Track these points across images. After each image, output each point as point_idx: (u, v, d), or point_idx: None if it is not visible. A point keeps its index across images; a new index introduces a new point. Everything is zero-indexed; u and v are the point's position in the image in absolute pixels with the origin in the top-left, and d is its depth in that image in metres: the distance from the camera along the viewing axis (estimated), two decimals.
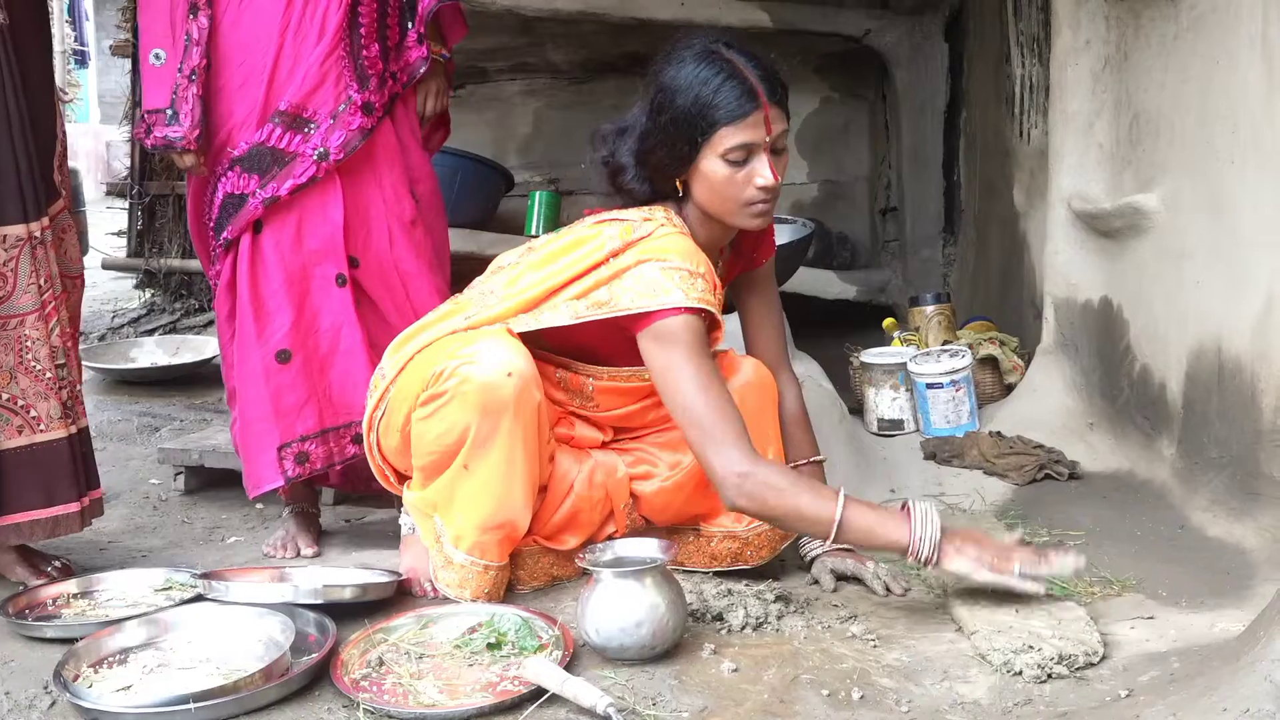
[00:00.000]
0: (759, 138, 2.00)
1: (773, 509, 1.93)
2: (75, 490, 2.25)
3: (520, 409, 2.00)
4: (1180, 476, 2.57)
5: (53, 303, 2.22)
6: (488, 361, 2.00)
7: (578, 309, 2.04)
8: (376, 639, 1.92)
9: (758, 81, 1.99)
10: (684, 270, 1.98)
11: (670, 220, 2.06)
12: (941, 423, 3.14)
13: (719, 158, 2.00)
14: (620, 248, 2.02)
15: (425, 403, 2.06)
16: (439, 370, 2.03)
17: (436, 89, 2.65)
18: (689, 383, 1.95)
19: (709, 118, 1.99)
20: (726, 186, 2.02)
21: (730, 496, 1.93)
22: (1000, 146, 3.84)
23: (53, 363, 2.22)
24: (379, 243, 2.52)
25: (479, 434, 2.01)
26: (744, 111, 1.98)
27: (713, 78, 1.99)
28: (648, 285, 1.97)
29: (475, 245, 4.11)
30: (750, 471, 1.91)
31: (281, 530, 2.56)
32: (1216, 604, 2.01)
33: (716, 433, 1.92)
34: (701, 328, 1.98)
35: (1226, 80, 2.41)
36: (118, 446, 3.54)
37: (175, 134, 2.40)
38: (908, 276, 4.68)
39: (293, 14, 2.42)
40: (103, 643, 1.95)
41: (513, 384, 1.99)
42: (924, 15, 4.53)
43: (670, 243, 2.01)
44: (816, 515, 1.90)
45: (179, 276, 5.25)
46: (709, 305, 1.98)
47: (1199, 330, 2.54)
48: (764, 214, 2.06)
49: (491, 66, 4.74)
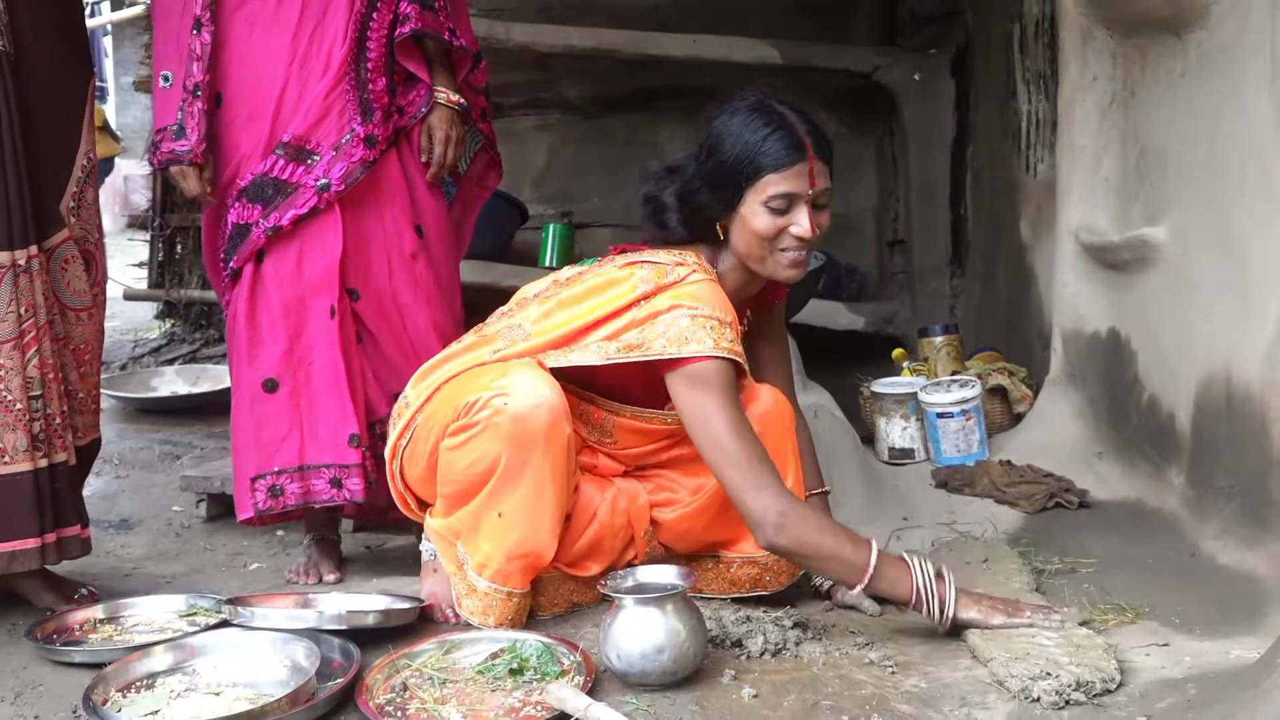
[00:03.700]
0: (802, 189, 2.06)
1: (809, 551, 1.98)
2: (36, 525, 2.18)
3: (551, 441, 2.03)
4: (1190, 505, 2.59)
5: (33, 332, 2.18)
6: (521, 394, 2.02)
7: (608, 350, 2.08)
8: (400, 664, 1.94)
9: (806, 135, 2.06)
10: (715, 319, 2.03)
11: (701, 266, 2.11)
12: (952, 451, 3.17)
13: (761, 204, 2.06)
14: (652, 290, 2.07)
15: (455, 433, 2.08)
16: (471, 401, 2.06)
17: (444, 135, 2.54)
18: (722, 426, 1.99)
19: (756, 164, 2.05)
20: (765, 233, 2.07)
21: (768, 536, 1.97)
22: (1007, 180, 3.89)
23: (25, 394, 2.17)
24: (378, 275, 2.53)
25: (509, 465, 2.04)
26: (790, 161, 2.04)
27: (763, 126, 2.06)
28: (679, 332, 2.02)
29: (490, 277, 4.16)
30: (788, 512, 1.96)
31: (304, 556, 2.59)
32: (1230, 631, 2.02)
33: (752, 475, 1.97)
34: (731, 372, 2.03)
35: (1234, 115, 2.45)
36: (140, 474, 3.57)
37: (183, 148, 2.43)
38: (915, 308, 4.71)
39: (299, 47, 2.45)
40: (131, 667, 1.97)
41: (545, 417, 2.02)
42: (931, 52, 4.59)
43: (700, 289, 2.06)
44: (852, 561, 1.97)
45: (198, 307, 5.30)
46: (737, 356, 2.03)
47: (1208, 360, 2.57)
48: (797, 264, 2.11)
49: (506, 102, 4.79)
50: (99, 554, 2.73)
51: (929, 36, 4.65)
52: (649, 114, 4.94)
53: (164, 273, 5.35)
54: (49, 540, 2.21)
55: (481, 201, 2.82)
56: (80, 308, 2.34)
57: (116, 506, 3.24)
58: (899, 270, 4.96)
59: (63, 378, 2.27)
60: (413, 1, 2.50)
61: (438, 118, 2.55)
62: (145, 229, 5.55)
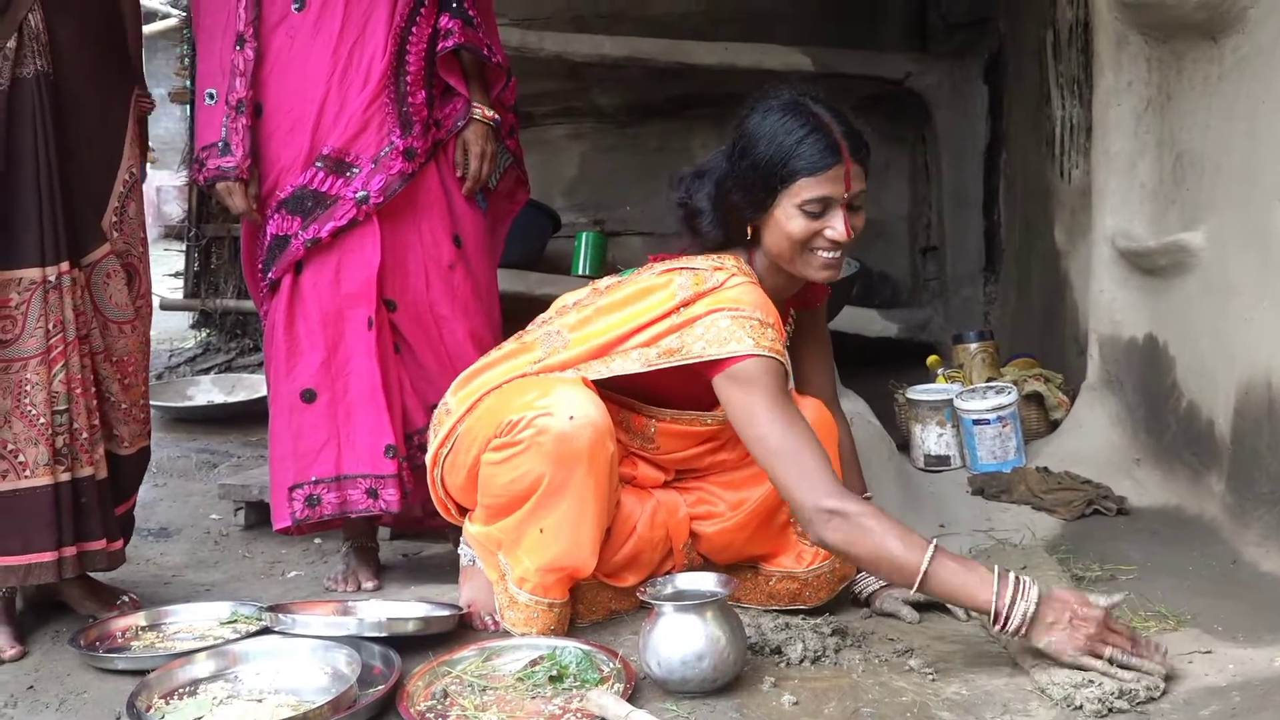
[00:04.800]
0: (838, 192, 2.02)
1: (859, 549, 1.89)
2: (54, 540, 2.19)
3: (595, 460, 2.02)
4: (1230, 512, 2.57)
5: (60, 348, 2.20)
6: (564, 412, 2.01)
7: (648, 355, 2.06)
8: (440, 671, 1.95)
9: (842, 137, 2.02)
10: (755, 320, 2.00)
11: (740, 269, 2.08)
12: (988, 458, 3.15)
13: (795, 207, 2.03)
14: (691, 297, 2.05)
15: (498, 449, 2.06)
16: (515, 420, 2.03)
17: (480, 151, 2.56)
18: (772, 422, 1.95)
19: (790, 166, 2.02)
20: (798, 236, 2.04)
21: (818, 531, 1.90)
22: (1041, 186, 3.87)
23: (49, 408, 2.19)
24: (416, 286, 2.54)
25: (552, 483, 2.02)
26: (825, 164, 2.01)
27: (798, 128, 2.02)
28: (719, 333, 2.00)
29: (524, 285, 4.17)
30: (840, 508, 1.89)
31: (342, 564, 2.60)
32: (1274, 639, 2.01)
33: (805, 468, 1.92)
34: (779, 368, 2.00)
35: (1272, 119, 2.43)
36: (178, 483, 3.61)
37: (229, 164, 2.45)
38: (949, 314, 4.70)
39: (339, 61, 2.47)
40: (174, 674, 1.99)
41: (588, 436, 2.00)
42: (964, 58, 4.58)
43: (741, 292, 2.04)
44: (904, 562, 1.85)
45: (234, 316, 5.35)
46: (778, 355, 2.00)
47: (1247, 365, 2.55)
48: (830, 266, 2.08)
49: (538, 111, 4.82)
50: (139, 562, 2.77)
51: (961, 42, 4.64)
52: (681, 122, 4.95)
53: (199, 282, 5.41)
54: (67, 554, 2.21)
55: (511, 217, 2.83)
56: (123, 320, 2.35)
57: (155, 515, 3.28)
58: (932, 277, 4.94)
59: (99, 391, 2.30)
60: (454, 16, 2.52)
61: (473, 132, 2.57)
62: (180, 239, 5.63)
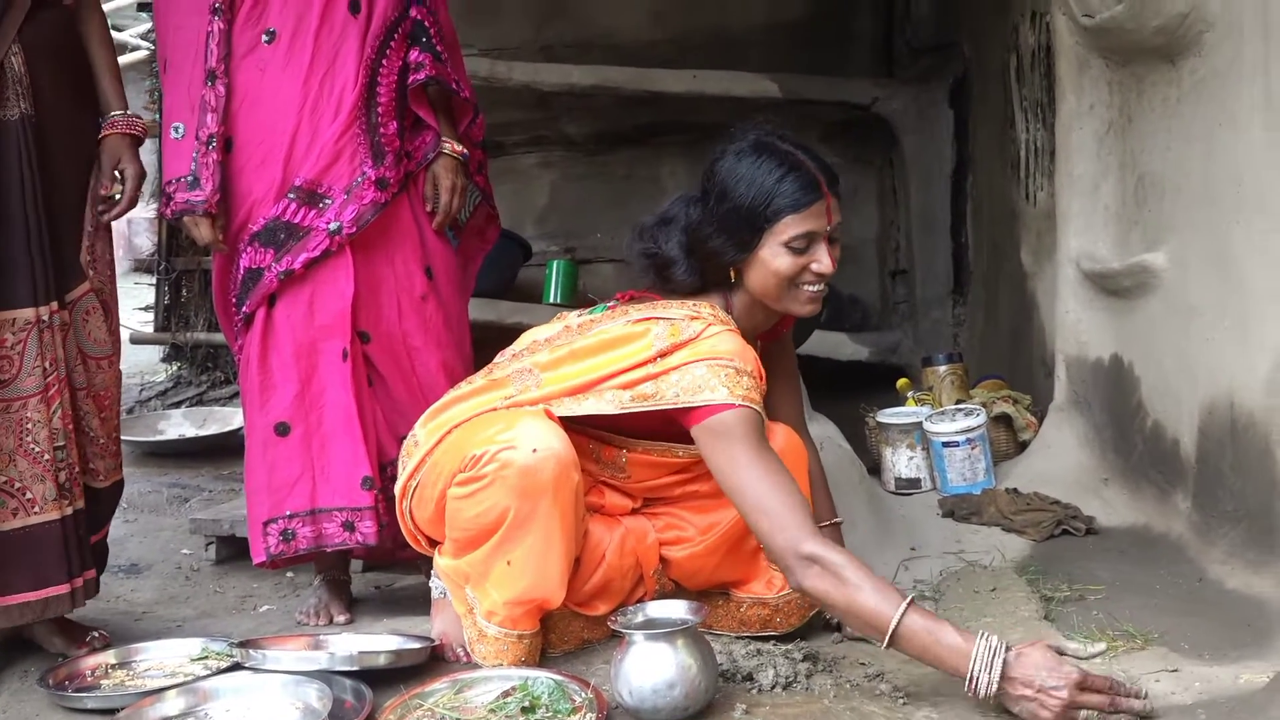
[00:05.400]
0: (820, 226, 2.08)
1: (834, 601, 1.90)
2: (65, 572, 2.23)
3: (560, 491, 2.02)
4: (1196, 530, 2.60)
5: (56, 385, 2.23)
6: (527, 445, 2.00)
7: (622, 399, 2.07)
8: (412, 704, 1.94)
9: (818, 172, 2.08)
10: (732, 368, 2.02)
11: (717, 317, 2.10)
12: (958, 480, 3.17)
13: (781, 245, 2.07)
14: (669, 348, 2.06)
15: (463, 483, 2.06)
16: (478, 454, 2.03)
17: (449, 184, 2.56)
18: (750, 474, 1.97)
19: (774, 206, 2.06)
20: (786, 273, 2.09)
21: (797, 579, 1.92)
22: (1007, 209, 3.91)
23: (51, 445, 2.22)
24: (389, 317, 2.54)
25: (518, 516, 2.02)
26: (808, 201, 2.06)
27: (776, 168, 2.07)
28: (694, 380, 2.01)
29: (495, 314, 4.18)
30: (818, 555, 1.90)
31: (314, 598, 2.59)
32: (1239, 656, 2.03)
33: (782, 519, 1.93)
34: (755, 417, 2.01)
35: (1230, 140, 2.47)
36: (148, 518, 3.58)
37: (197, 198, 2.43)
38: (918, 337, 4.73)
39: (309, 92, 2.47)
40: (144, 713, 1.98)
41: (552, 468, 2.00)
42: (929, 83, 4.63)
43: (718, 341, 2.05)
44: (875, 620, 1.85)
45: (205, 350, 5.32)
46: (753, 404, 2.01)
47: (1210, 386, 2.58)
48: (815, 299, 2.13)
49: (508, 140, 4.84)
50: (109, 599, 2.74)
51: (926, 67, 4.69)
52: (650, 149, 4.98)
53: (170, 316, 5.38)
54: (77, 585, 2.26)
55: (483, 254, 2.84)
56: (101, 356, 2.38)
57: (126, 550, 3.25)
58: (901, 300, 4.98)
59: (81, 425, 2.32)
60: (424, 50, 2.54)
61: (442, 166, 2.57)
62: (150, 273, 5.59)
